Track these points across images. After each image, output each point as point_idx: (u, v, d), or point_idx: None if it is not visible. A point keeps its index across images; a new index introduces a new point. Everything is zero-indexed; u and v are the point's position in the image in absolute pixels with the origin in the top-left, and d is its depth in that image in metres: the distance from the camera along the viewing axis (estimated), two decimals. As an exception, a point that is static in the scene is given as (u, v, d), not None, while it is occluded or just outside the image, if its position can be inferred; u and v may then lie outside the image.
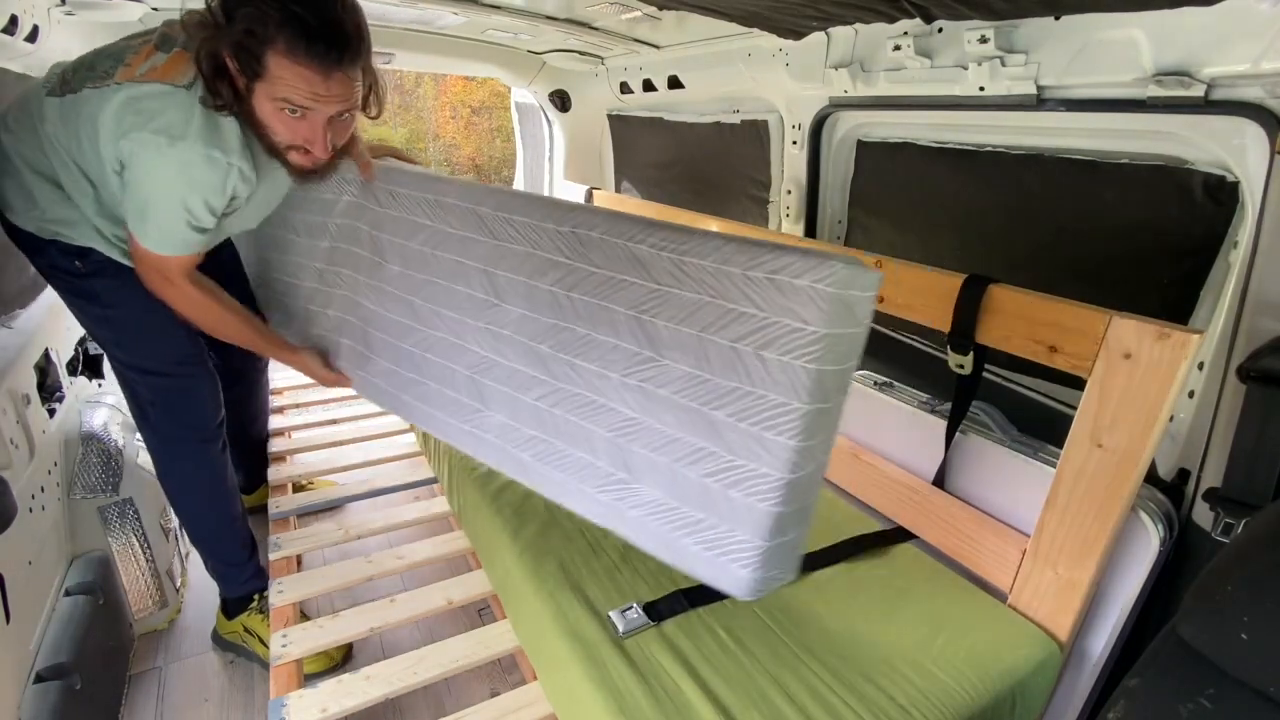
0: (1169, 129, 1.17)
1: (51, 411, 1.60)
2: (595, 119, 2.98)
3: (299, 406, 2.43)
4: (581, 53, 2.50)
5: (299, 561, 1.72)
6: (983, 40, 1.28)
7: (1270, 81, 0.99)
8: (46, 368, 1.64)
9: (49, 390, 1.64)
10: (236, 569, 1.62)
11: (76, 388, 1.80)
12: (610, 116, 2.95)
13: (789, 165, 1.99)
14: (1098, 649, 1.17)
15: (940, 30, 1.39)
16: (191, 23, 1.12)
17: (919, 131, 1.67)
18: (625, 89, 2.58)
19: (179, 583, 1.83)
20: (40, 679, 1.23)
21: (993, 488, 1.33)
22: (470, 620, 1.74)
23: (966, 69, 1.34)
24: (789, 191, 2.00)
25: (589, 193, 2.54)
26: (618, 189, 3.09)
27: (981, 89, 1.35)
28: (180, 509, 1.58)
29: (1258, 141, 1.04)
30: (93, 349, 1.90)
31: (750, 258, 0.92)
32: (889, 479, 1.48)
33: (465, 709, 1.22)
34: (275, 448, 2.12)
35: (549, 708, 1.20)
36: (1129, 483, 1.02)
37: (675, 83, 2.29)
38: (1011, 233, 1.54)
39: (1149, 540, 1.11)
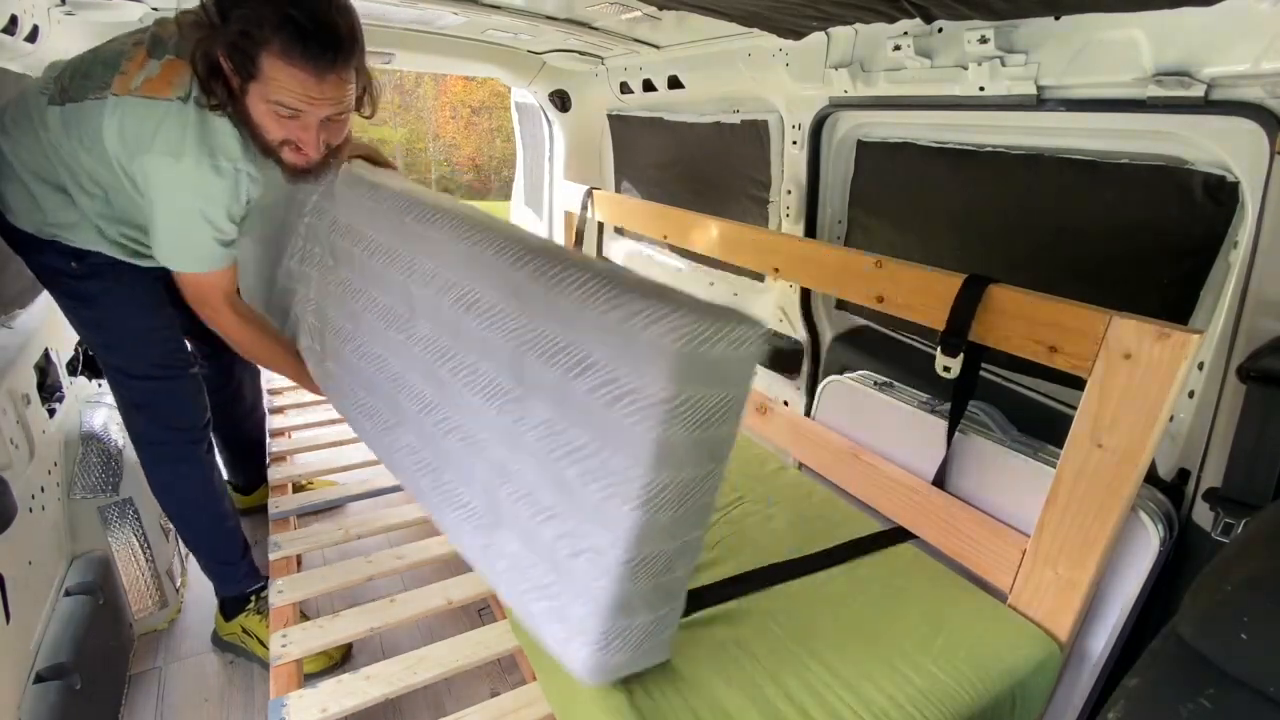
0: (1169, 129, 1.17)
1: (51, 411, 1.60)
2: (595, 119, 2.98)
3: (299, 406, 2.43)
4: (581, 53, 2.50)
5: (299, 561, 1.72)
6: (983, 40, 1.28)
7: (1270, 81, 0.99)
8: (46, 368, 1.64)
9: (49, 390, 1.64)
10: (230, 568, 1.62)
11: (76, 388, 1.80)
12: (610, 116, 2.95)
13: (789, 165, 1.99)
14: (1098, 649, 1.16)
15: (940, 30, 1.39)
16: (186, 23, 1.13)
17: (919, 131, 1.67)
18: (625, 89, 2.58)
19: (179, 583, 1.83)
20: (40, 679, 1.23)
21: (993, 488, 1.33)
22: (470, 620, 1.74)
23: (966, 69, 1.34)
24: (789, 191, 2.00)
25: (589, 192, 2.54)
26: (618, 189, 3.09)
27: (981, 89, 1.35)
28: (170, 510, 1.59)
29: (1258, 141, 1.04)
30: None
31: (608, 299, 0.80)
32: (889, 479, 1.48)
33: (465, 709, 1.22)
34: (275, 448, 2.12)
35: (549, 708, 1.20)
36: (1129, 483, 1.02)
37: (675, 83, 2.29)
38: (1011, 233, 1.54)
39: (1149, 540, 1.11)
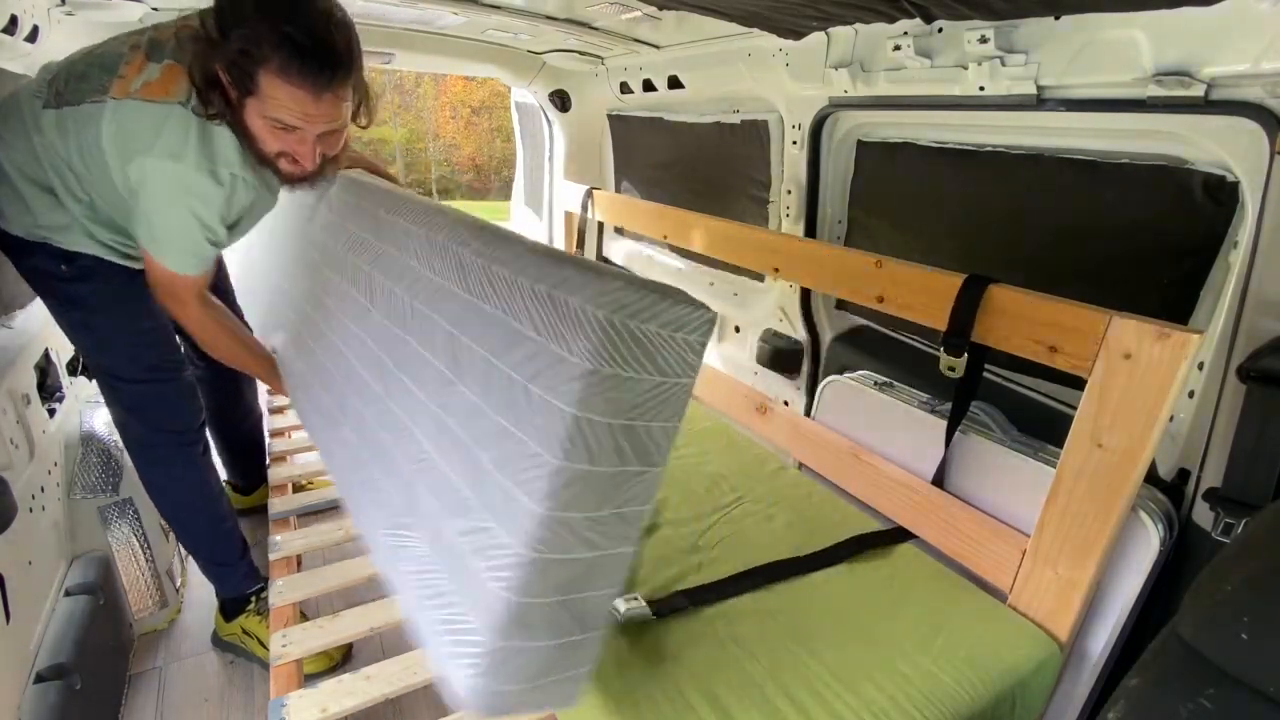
0: (1169, 129, 1.17)
1: (51, 412, 1.60)
2: (595, 119, 2.98)
3: (299, 406, 2.43)
4: (581, 53, 2.50)
5: (299, 561, 1.72)
6: (983, 40, 1.28)
7: (1270, 81, 0.99)
8: (46, 368, 1.64)
9: (49, 390, 1.64)
10: (229, 569, 1.62)
11: (76, 388, 1.80)
12: (610, 116, 2.95)
13: (789, 165, 1.99)
14: (1098, 649, 1.16)
15: (940, 30, 1.39)
16: (185, 36, 1.14)
17: (919, 131, 1.67)
18: (625, 89, 2.58)
19: (179, 583, 1.83)
20: (40, 679, 1.23)
21: (993, 488, 1.33)
22: (470, 620, 1.74)
23: (966, 69, 1.34)
24: (789, 191, 2.00)
25: (589, 192, 2.54)
26: (618, 189, 3.09)
27: (981, 89, 1.35)
28: (166, 513, 1.59)
29: (1258, 141, 1.04)
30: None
31: (540, 269, 0.78)
32: (889, 479, 1.48)
33: (465, 709, 1.22)
34: (275, 448, 2.12)
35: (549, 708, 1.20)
36: (1129, 483, 1.02)
37: (675, 83, 2.29)
38: (1011, 233, 1.54)
39: (1149, 540, 1.11)
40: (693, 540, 1.38)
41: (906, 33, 1.44)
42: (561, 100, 2.92)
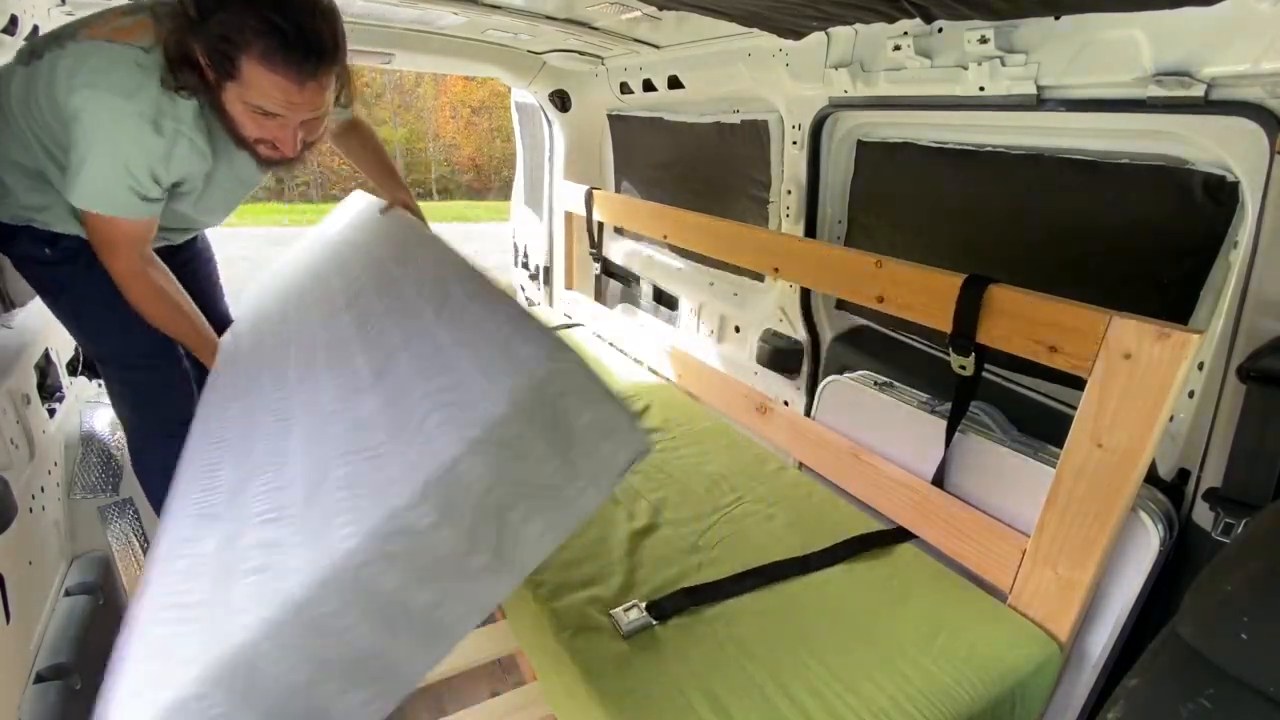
0: (1169, 129, 1.17)
1: (51, 411, 1.60)
2: (595, 119, 2.98)
3: (299, 406, 2.43)
4: (581, 53, 2.50)
5: (299, 561, 1.71)
6: (983, 40, 1.28)
7: (1270, 81, 0.99)
8: (46, 368, 1.64)
9: (49, 390, 1.64)
10: None
11: (76, 388, 1.80)
12: (610, 116, 2.95)
13: (789, 165, 1.99)
14: (1098, 649, 1.17)
15: (940, 30, 1.39)
16: (163, 13, 1.10)
17: (919, 131, 1.67)
18: (625, 89, 2.58)
19: (179, 583, 1.83)
20: (40, 679, 1.23)
21: (993, 488, 1.33)
22: (470, 620, 1.74)
23: (966, 69, 1.34)
24: (789, 192, 2.00)
25: (589, 192, 2.54)
26: (618, 189, 3.09)
27: (981, 89, 1.34)
28: (156, 502, 1.58)
29: (1258, 142, 1.04)
30: (93, 349, 1.90)
31: (516, 318, 0.75)
32: (889, 479, 1.48)
33: (465, 709, 1.22)
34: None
35: (549, 708, 1.20)
36: (1129, 483, 1.02)
37: (675, 83, 2.29)
38: (1011, 233, 1.54)
39: (1149, 540, 1.11)
40: (693, 540, 1.38)
41: (906, 33, 1.44)
42: (561, 100, 2.92)
